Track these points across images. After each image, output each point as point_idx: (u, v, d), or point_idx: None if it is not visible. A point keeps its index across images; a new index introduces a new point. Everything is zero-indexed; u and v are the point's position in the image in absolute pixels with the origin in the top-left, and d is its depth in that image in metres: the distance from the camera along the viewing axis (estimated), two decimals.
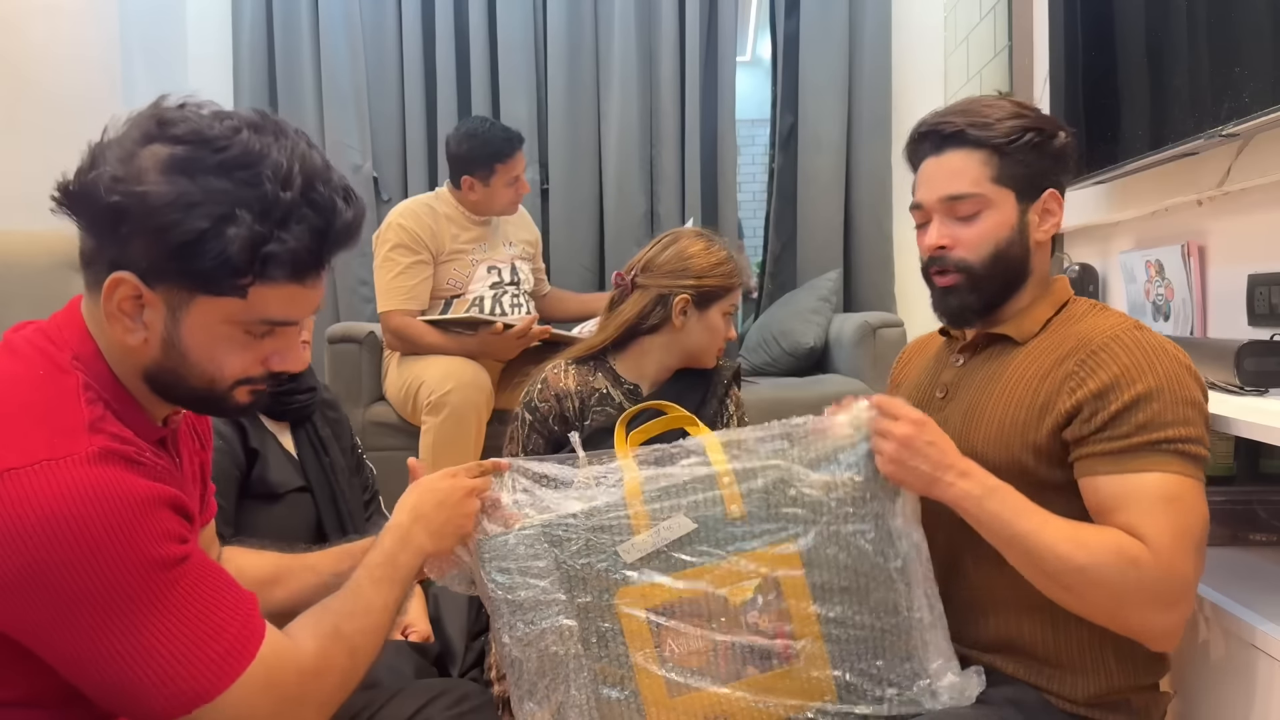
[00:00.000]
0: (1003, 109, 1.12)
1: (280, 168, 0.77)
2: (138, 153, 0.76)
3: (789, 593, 1.07)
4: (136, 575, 0.71)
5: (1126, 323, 1.07)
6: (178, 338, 0.79)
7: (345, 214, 0.81)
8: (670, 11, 3.28)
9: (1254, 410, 1.18)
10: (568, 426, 1.61)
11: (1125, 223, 2.21)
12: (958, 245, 1.13)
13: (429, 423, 2.32)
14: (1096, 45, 2.09)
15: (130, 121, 0.79)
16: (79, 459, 0.71)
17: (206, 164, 0.75)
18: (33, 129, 2.68)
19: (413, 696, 1.06)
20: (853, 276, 3.39)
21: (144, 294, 0.77)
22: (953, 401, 1.18)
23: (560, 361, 1.67)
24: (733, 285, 1.64)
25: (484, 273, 2.63)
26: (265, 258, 0.76)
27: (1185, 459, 0.98)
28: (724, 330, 1.65)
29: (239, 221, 0.75)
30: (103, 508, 0.70)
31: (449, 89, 3.32)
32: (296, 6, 3.33)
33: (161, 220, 0.74)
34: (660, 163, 3.33)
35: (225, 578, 0.80)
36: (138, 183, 0.74)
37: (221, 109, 0.81)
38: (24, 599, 0.69)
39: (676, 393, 1.62)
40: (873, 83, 3.33)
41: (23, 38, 2.63)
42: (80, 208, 0.78)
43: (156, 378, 0.82)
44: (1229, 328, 1.75)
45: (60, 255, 2.44)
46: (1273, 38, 1.44)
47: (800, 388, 2.79)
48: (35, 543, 0.68)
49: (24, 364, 0.78)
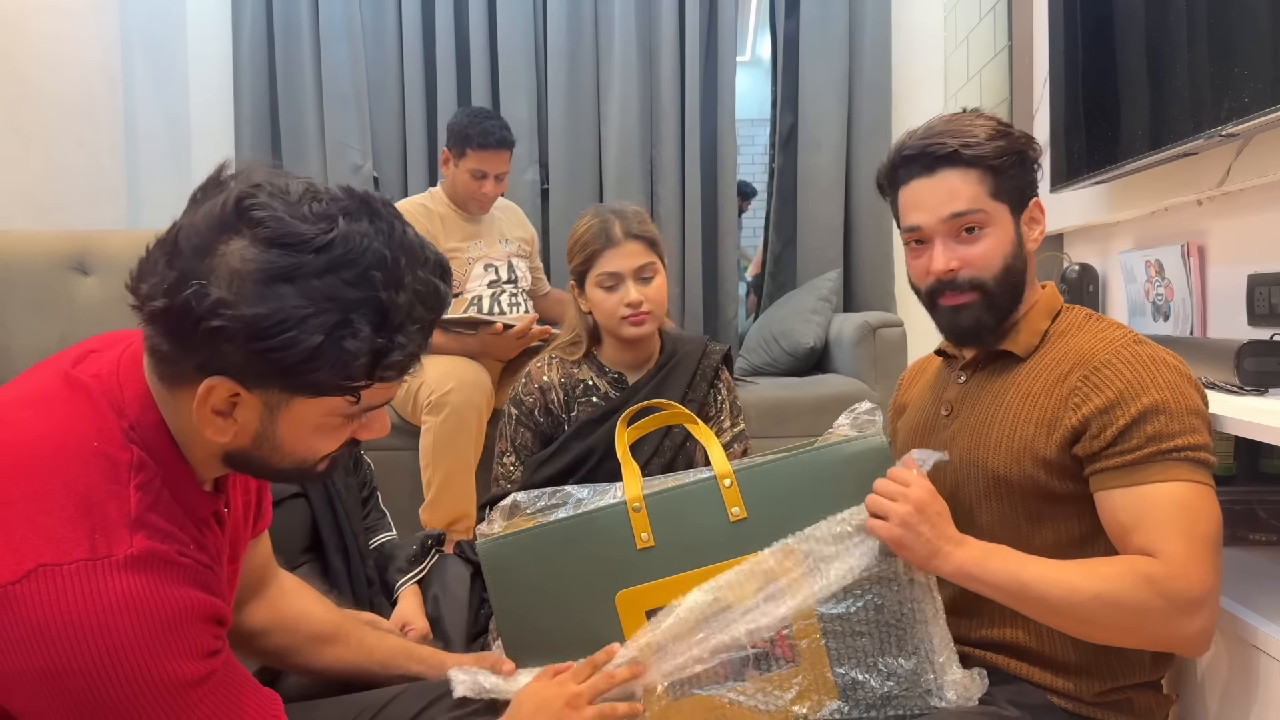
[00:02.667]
0: (985, 128, 1.13)
1: (385, 262, 0.72)
2: (225, 256, 0.70)
3: (790, 594, 1.07)
4: (158, 694, 0.70)
5: (1126, 336, 1.08)
6: (273, 433, 0.77)
7: (446, 295, 0.79)
8: (670, 11, 3.28)
9: (1254, 410, 1.18)
10: (553, 419, 1.61)
11: (1125, 223, 2.21)
12: (967, 265, 1.13)
13: (429, 422, 2.32)
14: (1096, 45, 2.09)
15: (202, 208, 0.73)
16: (116, 563, 0.69)
17: (309, 268, 0.70)
18: (33, 129, 2.68)
19: (414, 697, 1.05)
20: (853, 276, 3.39)
21: (241, 396, 0.74)
22: (958, 418, 1.18)
23: (544, 356, 1.68)
24: (592, 253, 1.59)
25: (481, 271, 2.63)
26: (387, 365, 0.74)
27: (1195, 465, 0.99)
28: (615, 300, 1.58)
29: (357, 333, 0.71)
30: (133, 622, 0.69)
31: (449, 89, 3.32)
32: (297, 7, 3.33)
33: (272, 341, 0.69)
34: (660, 163, 3.33)
35: (248, 687, 0.78)
36: (238, 303, 0.69)
37: (307, 184, 0.75)
38: (41, 697, 0.68)
39: (664, 377, 1.63)
40: (872, 83, 3.33)
41: (23, 38, 2.63)
42: (169, 327, 0.72)
43: (238, 461, 0.80)
44: (1229, 328, 1.75)
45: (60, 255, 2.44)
46: (1272, 38, 1.44)
47: (800, 388, 2.79)
48: (60, 647, 0.67)
49: (80, 434, 0.74)
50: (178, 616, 0.71)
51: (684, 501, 1.12)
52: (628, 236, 1.58)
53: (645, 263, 1.59)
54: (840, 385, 2.76)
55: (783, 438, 2.71)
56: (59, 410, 0.76)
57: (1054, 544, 1.08)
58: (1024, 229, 1.15)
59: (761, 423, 2.56)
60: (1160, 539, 0.96)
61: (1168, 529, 0.96)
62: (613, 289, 1.58)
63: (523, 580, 1.11)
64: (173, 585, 0.72)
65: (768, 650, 1.07)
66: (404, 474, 2.40)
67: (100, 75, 3.00)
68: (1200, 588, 0.95)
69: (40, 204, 2.70)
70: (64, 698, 0.68)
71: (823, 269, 3.28)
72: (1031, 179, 1.16)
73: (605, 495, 1.16)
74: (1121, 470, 1.00)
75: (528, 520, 1.15)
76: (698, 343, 1.71)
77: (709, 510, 1.11)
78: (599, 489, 1.17)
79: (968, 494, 1.14)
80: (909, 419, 1.30)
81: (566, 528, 1.12)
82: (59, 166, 2.78)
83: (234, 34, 3.38)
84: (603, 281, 1.59)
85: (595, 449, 1.57)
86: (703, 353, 1.68)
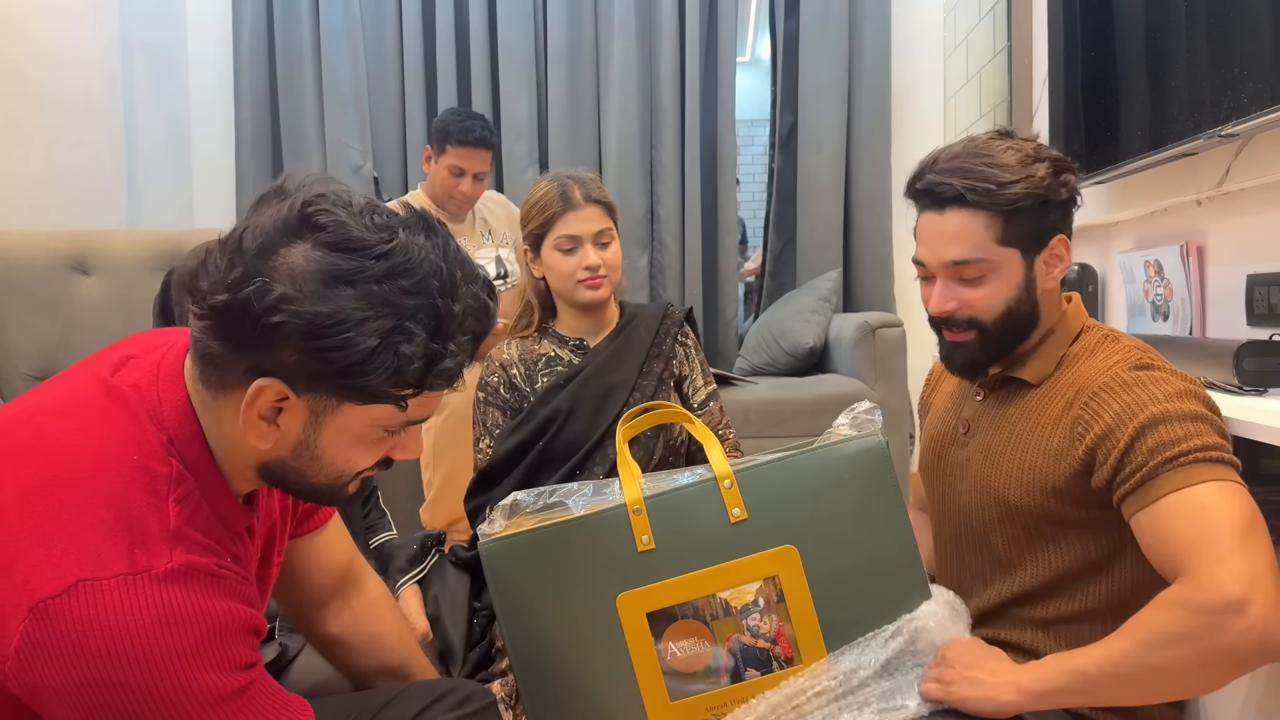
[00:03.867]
0: (1012, 162, 1.06)
1: (441, 273, 0.74)
2: (288, 257, 0.72)
3: (789, 591, 1.08)
4: (199, 707, 0.70)
5: (1127, 359, 1.05)
6: (315, 442, 0.78)
7: (494, 312, 0.80)
8: (670, 11, 3.28)
9: (1253, 410, 1.18)
10: (518, 393, 1.62)
11: (1124, 223, 2.21)
12: (965, 307, 1.10)
13: (430, 422, 2.32)
14: (1096, 45, 2.09)
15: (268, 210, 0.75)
16: (156, 577, 0.70)
17: (370, 273, 0.72)
18: (33, 129, 2.68)
19: (415, 697, 1.05)
20: (852, 276, 3.40)
21: (289, 400, 0.75)
22: (975, 440, 1.17)
23: (502, 343, 1.68)
24: (550, 217, 1.58)
25: None
26: (439, 373, 0.76)
27: (1207, 465, 0.94)
28: (573, 263, 1.56)
29: (412, 338, 0.72)
30: (172, 636, 0.69)
31: (449, 89, 3.32)
32: (297, 6, 3.33)
33: (329, 340, 0.71)
34: (660, 163, 3.33)
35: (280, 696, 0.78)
36: (300, 299, 0.70)
37: (368, 198, 0.78)
38: (82, 711, 0.68)
39: (625, 336, 1.63)
40: (872, 83, 3.33)
41: (23, 37, 2.63)
42: (227, 324, 0.73)
43: (273, 473, 0.81)
44: (1228, 328, 1.75)
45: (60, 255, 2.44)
46: (1272, 38, 1.44)
47: (800, 388, 2.79)
48: (100, 661, 0.67)
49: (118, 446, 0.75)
50: (218, 630, 0.72)
51: (684, 503, 1.12)
52: (588, 201, 1.57)
53: (603, 228, 1.59)
54: (840, 385, 2.76)
55: (783, 438, 2.71)
56: (98, 421, 0.76)
57: (1072, 567, 1.07)
58: (1041, 268, 1.09)
59: (761, 422, 2.56)
60: (1181, 556, 0.91)
61: (1185, 544, 0.91)
62: (571, 252, 1.57)
63: (524, 581, 1.11)
64: (212, 598, 0.72)
65: (769, 650, 1.08)
66: (404, 474, 2.41)
67: (100, 75, 3.00)
68: (1232, 586, 0.87)
69: (40, 204, 2.70)
70: (101, 712, 0.68)
71: (823, 269, 3.29)
72: (1054, 219, 1.09)
73: (606, 494, 1.15)
74: (1135, 493, 0.96)
75: (529, 520, 1.14)
76: (658, 306, 1.71)
77: (709, 512, 1.11)
78: (599, 486, 1.16)
79: (982, 519, 1.14)
80: (931, 426, 1.29)
81: (567, 529, 1.12)
82: (59, 166, 2.78)
83: (234, 34, 3.38)
84: (561, 244, 1.57)
85: (560, 410, 1.56)
86: (664, 314, 1.68)
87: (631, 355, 1.60)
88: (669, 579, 1.08)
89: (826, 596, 1.08)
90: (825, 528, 1.09)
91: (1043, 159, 1.07)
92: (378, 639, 1.13)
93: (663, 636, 1.07)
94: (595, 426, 1.54)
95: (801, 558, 1.08)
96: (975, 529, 1.14)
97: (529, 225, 1.62)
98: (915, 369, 2.95)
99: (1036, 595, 1.08)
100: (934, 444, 1.25)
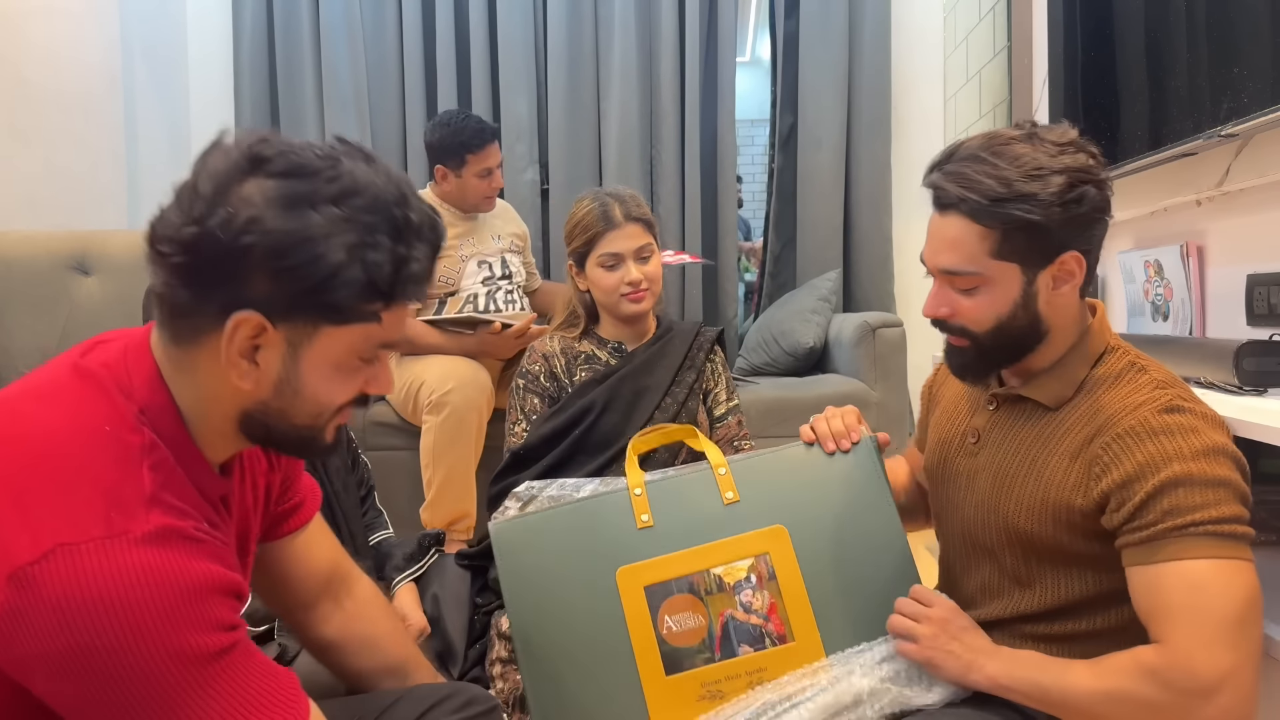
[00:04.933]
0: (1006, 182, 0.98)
1: (391, 189, 0.78)
2: (244, 191, 0.74)
3: (780, 568, 1.15)
4: (180, 667, 0.70)
5: (1158, 400, 0.98)
6: (295, 376, 0.79)
7: (442, 229, 0.83)
8: (670, 12, 3.28)
9: (1253, 410, 1.18)
10: (558, 383, 1.71)
11: (1124, 222, 2.21)
12: (958, 314, 1.06)
13: (429, 422, 2.32)
14: (1096, 45, 2.09)
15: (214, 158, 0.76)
16: (134, 539, 0.70)
17: (325, 194, 0.74)
18: (33, 129, 2.68)
19: (417, 701, 1.04)
20: (852, 276, 3.40)
21: (266, 333, 0.76)
22: (984, 452, 1.12)
23: (547, 335, 1.79)
24: (593, 236, 1.67)
25: (474, 268, 2.63)
26: (406, 278, 0.78)
27: (1217, 540, 0.91)
28: (616, 278, 1.67)
29: (378, 246, 0.75)
30: (154, 594, 0.69)
31: (449, 89, 3.32)
32: (297, 7, 3.33)
33: (299, 257, 0.73)
34: (660, 163, 3.33)
35: (265, 663, 0.79)
36: (266, 220, 0.72)
37: (304, 140, 0.81)
38: (66, 677, 0.68)
39: (661, 346, 1.73)
40: (872, 83, 3.33)
41: (23, 38, 2.63)
42: (198, 256, 0.74)
43: (255, 420, 0.81)
44: (1228, 328, 1.75)
45: (60, 255, 2.44)
46: (1272, 38, 1.44)
47: (800, 388, 2.79)
48: (84, 624, 0.67)
49: (90, 417, 0.76)
50: (197, 589, 0.72)
51: (681, 486, 1.22)
52: (628, 219, 1.66)
53: (644, 243, 1.68)
54: (840, 385, 2.76)
55: (783, 438, 2.70)
56: (68, 398, 0.77)
57: (1083, 595, 1.04)
58: (1044, 282, 1.02)
59: (761, 422, 2.56)
60: (1167, 626, 0.91)
61: (1174, 615, 0.91)
62: (614, 268, 1.66)
63: (530, 559, 1.17)
64: (190, 559, 0.72)
65: (761, 626, 1.13)
66: (404, 474, 2.41)
67: (100, 76, 3.00)
68: (1209, 673, 0.88)
69: (40, 204, 2.70)
70: (86, 676, 0.68)
71: (823, 269, 3.29)
72: (1064, 236, 1.00)
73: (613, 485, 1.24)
74: (1138, 548, 0.94)
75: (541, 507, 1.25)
76: (691, 324, 1.81)
77: (704, 494, 1.20)
78: (609, 481, 1.26)
79: (988, 539, 1.11)
80: (938, 425, 1.25)
81: (572, 511, 1.20)
82: (59, 166, 2.78)
83: (234, 34, 3.38)
84: (604, 262, 1.67)
85: (596, 403, 1.65)
86: (697, 330, 1.78)
87: (666, 362, 1.71)
88: (666, 554, 1.16)
89: (816, 575, 1.14)
90: (814, 510, 1.17)
91: (1060, 171, 0.98)
92: (372, 640, 1.13)
93: (659, 611, 1.13)
94: (627, 423, 1.63)
95: (791, 537, 1.16)
96: (983, 545, 1.12)
97: (573, 243, 1.71)
98: (915, 369, 2.95)
99: (1044, 615, 1.07)
100: (940, 447, 1.22)
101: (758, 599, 1.14)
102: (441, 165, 2.55)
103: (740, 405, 1.79)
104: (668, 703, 1.09)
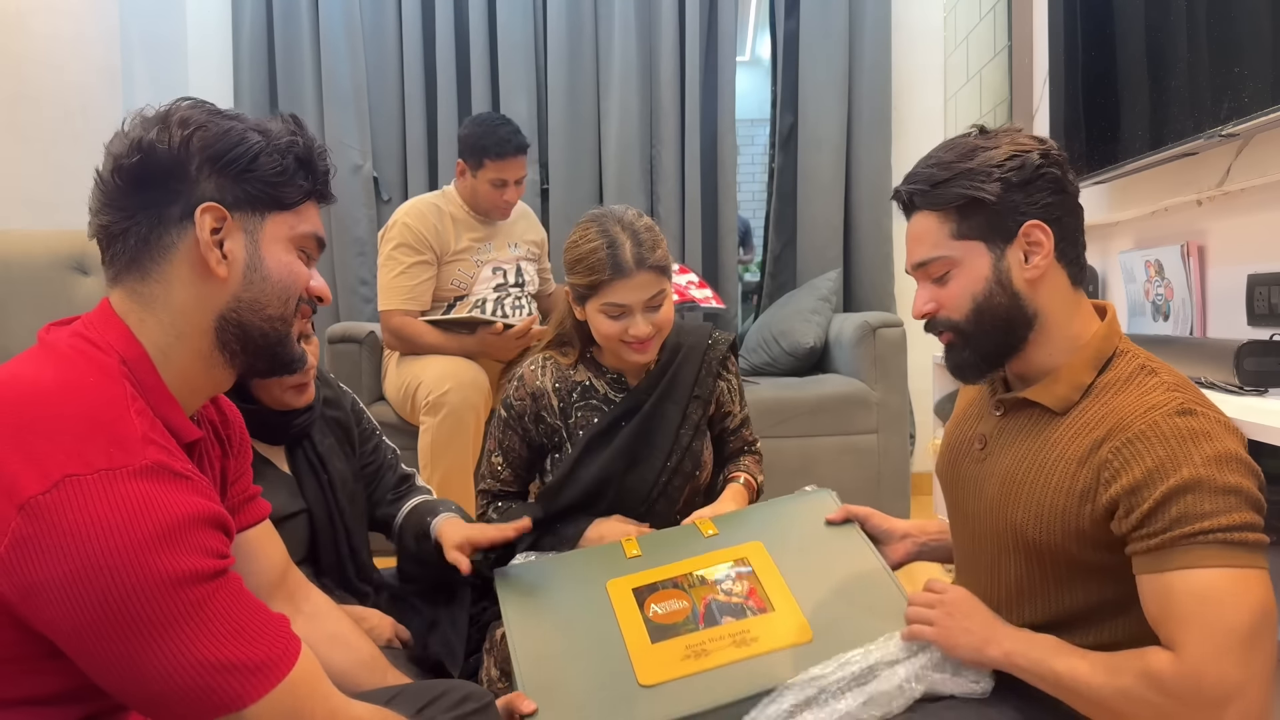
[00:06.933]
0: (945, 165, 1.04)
1: (289, 126, 0.92)
2: (174, 114, 0.86)
3: (759, 569, 1.24)
4: (176, 587, 0.74)
5: (1170, 404, 0.95)
6: (258, 259, 0.88)
7: (330, 161, 0.96)
8: (670, 11, 3.28)
9: (1254, 410, 1.18)
10: (546, 427, 1.54)
11: (1125, 222, 2.21)
12: (940, 307, 1.08)
13: (427, 423, 2.32)
14: (1096, 45, 2.09)
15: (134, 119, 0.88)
16: (133, 471, 0.75)
17: (235, 118, 0.88)
18: (33, 129, 2.68)
19: (413, 697, 1.05)
20: (853, 276, 3.40)
21: (227, 221, 0.86)
22: (990, 458, 1.11)
23: (537, 358, 1.59)
24: (597, 283, 1.44)
25: (489, 274, 2.63)
26: (311, 170, 0.91)
27: (1230, 548, 0.89)
28: (619, 327, 1.45)
29: (292, 144, 0.90)
30: (153, 519, 0.74)
31: (449, 89, 3.32)
32: (296, 6, 3.33)
33: (232, 150, 0.86)
34: (660, 163, 3.33)
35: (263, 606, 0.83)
36: (199, 122, 0.85)
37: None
38: (71, 601, 0.72)
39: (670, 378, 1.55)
40: (872, 83, 3.33)
41: (23, 38, 2.63)
42: (146, 172, 0.85)
43: (230, 322, 0.88)
44: (1228, 328, 1.75)
45: (60, 255, 2.44)
46: (1272, 38, 1.44)
47: (800, 388, 2.79)
48: (88, 547, 0.72)
49: (74, 370, 0.81)
50: (191, 517, 0.77)
51: (667, 534, 1.40)
52: (640, 268, 1.43)
53: (656, 292, 1.45)
54: (840, 385, 2.76)
55: (783, 438, 2.71)
56: (51, 358, 0.82)
57: (1086, 607, 1.03)
58: (1014, 257, 1.03)
59: (761, 422, 2.55)
60: (1178, 634, 0.90)
61: (1184, 625, 0.89)
62: (618, 318, 1.45)
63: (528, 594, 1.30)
64: (182, 493, 0.78)
65: (742, 603, 1.19)
66: None
67: (100, 75, 3.00)
68: (1219, 685, 0.87)
69: (40, 204, 2.70)
70: (90, 599, 0.72)
71: (823, 269, 3.29)
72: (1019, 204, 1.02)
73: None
74: (1148, 556, 0.93)
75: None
76: (701, 333, 1.60)
77: (687, 533, 1.38)
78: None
79: (993, 547, 1.10)
80: (949, 430, 1.24)
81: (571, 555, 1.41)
82: (59, 166, 2.78)
83: (234, 34, 3.38)
84: (608, 311, 1.45)
85: (611, 477, 1.51)
86: (708, 344, 1.58)
87: (673, 403, 1.54)
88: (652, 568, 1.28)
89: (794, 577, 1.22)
90: (788, 540, 1.29)
91: (996, 147, 1.03)
92: (340, 636, 1.16)
93: (645, 601, 1.22)
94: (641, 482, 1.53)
95: (768, 550, 1.27)
96: (990, 552, 1.11)
97: (573, 277, 1.49)
98: (915, 369, 2.95)
99: (1050, 627, 1.05)
100: (949, 451, 1.21)
101: (738, 585, 1.22)
102: (462, 160, 2.55)
103: (746, 411, 1.68)
104: (653, 663, 1.13)
